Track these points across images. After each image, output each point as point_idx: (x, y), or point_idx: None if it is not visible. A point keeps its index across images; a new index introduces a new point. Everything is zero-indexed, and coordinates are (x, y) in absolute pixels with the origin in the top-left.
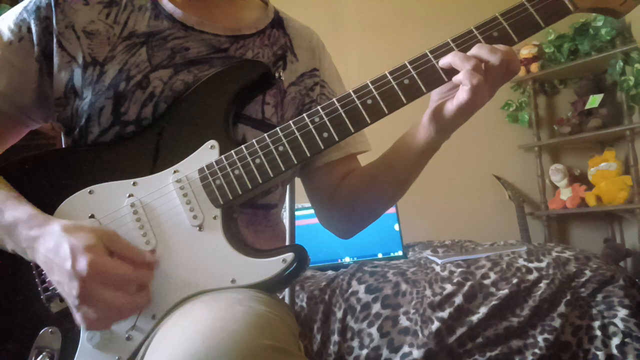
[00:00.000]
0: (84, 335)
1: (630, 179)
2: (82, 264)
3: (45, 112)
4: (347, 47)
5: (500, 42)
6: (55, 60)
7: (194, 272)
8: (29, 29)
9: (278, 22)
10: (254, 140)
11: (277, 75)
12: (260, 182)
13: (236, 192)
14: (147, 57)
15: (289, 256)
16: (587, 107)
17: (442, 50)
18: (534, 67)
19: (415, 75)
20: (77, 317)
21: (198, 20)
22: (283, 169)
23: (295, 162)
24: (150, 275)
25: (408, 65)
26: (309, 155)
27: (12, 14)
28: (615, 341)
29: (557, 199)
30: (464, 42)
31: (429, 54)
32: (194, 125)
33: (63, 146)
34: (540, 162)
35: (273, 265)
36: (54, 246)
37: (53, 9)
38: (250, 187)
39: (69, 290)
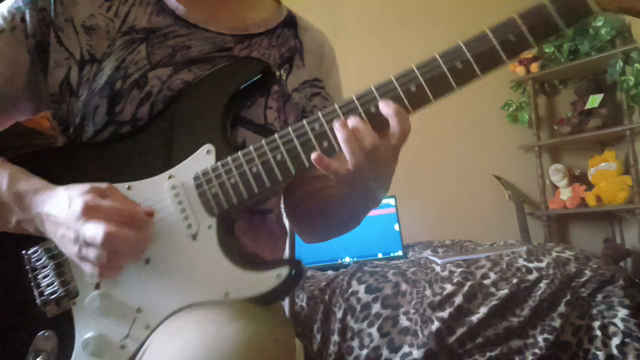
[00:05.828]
0: (78, 342)
1: (630, 179)
2: (78, 204)
3: (33, 105)
4: (346, 49)
5: (516, 46)
6: (52, 55)
7: (188, 282)
8: (23, 19)
9: (290, 22)
10: (251, 147)
11: (277, 74)
12: (257, 192)
13: (232, 201)
14: (146, 54)
15: (284, 270)
16: (587, 107)
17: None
18: (534, 67)
19: (423, 83)
20: (87, 265)
21: (202, 18)
22: (280, 179)
23: (294, 172)
24: (148, 220)
25: (416, 70)
26: (307, 166)
27: (8, 3)
28: (615, 341)
29: (557, 199)
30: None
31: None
32: (190, 127)
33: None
34: (540, 162)
35: (267, 280)
36: (56, 201)
37: (52, 0)
38: (246, 197)
39: (71, 235)
